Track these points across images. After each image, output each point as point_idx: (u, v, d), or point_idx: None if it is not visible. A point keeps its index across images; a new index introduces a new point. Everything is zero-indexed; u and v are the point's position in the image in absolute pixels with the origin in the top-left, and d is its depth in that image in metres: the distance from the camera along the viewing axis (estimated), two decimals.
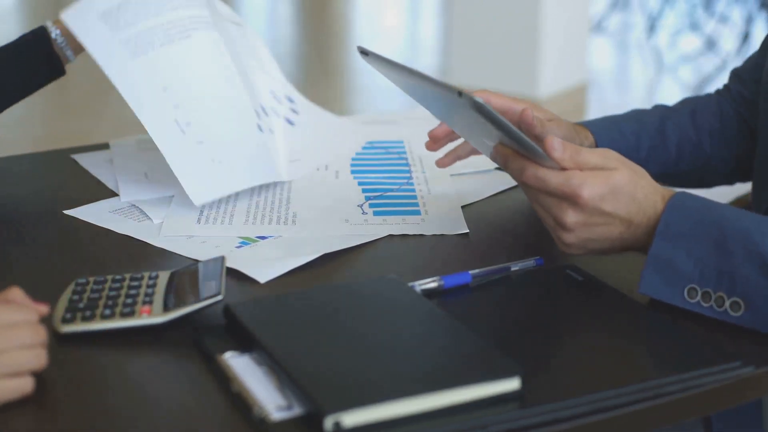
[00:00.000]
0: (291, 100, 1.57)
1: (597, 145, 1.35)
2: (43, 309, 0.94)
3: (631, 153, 1.38)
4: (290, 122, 1.52)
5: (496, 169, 1.43)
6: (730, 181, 1.49)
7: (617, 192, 1.02)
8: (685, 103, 1.48)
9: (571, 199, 1.02)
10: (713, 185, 1.50)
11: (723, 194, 1.54)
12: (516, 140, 1.02)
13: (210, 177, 1.33)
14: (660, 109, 1.45)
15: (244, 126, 1.38)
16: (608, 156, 1.05)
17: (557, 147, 1.02)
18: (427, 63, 6.00)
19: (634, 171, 1.05)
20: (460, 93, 0.99)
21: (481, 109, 0.99)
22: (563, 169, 1.02)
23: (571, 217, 1.03)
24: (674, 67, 5.55)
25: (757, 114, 1.41)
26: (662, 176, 1.43)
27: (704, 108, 1.44)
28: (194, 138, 1.34)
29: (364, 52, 1.19)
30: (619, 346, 1.00)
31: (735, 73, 1.49)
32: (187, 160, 1.32)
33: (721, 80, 1.51)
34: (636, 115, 1.43)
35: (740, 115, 1.44)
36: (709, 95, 1.49)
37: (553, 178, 1.02)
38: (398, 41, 6.76)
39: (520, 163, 1.05)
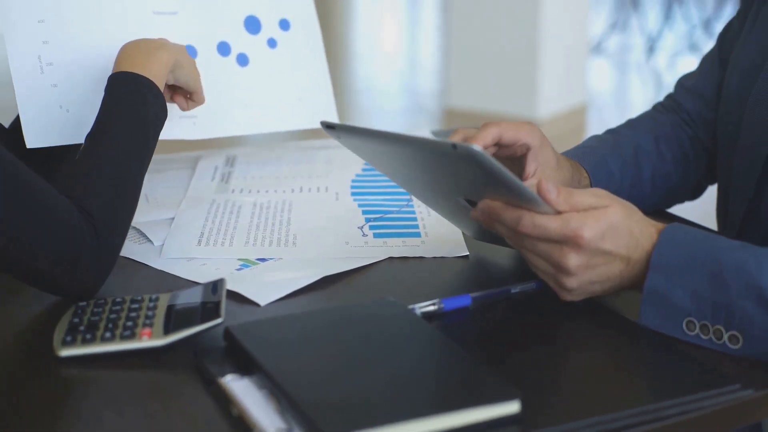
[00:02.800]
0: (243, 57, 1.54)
1: (592, 185, 1.32)
2: None
3: (618, 192, 1.34)
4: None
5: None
6: (682, 202, 1.46)
7: (615, 228, 1.02)
8: (641, 129, 1.42)
9: (572, 242, 1.01)
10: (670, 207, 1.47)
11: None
12: (512, 188, 1.00)
13: (52, 123, 1.33)
14: (630, 138, 1.40)
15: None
16: (599, 194, 1.04)
17: (552, 190, 1.01)
18: (425, 85, 6.02)
19: (625, 206, 1.05)
20: (454, 146, 0.97)
21: (477, 159, 0.97)
22: (558, 212, 1.02)
23: (573, 260, 1.02)
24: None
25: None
26: (657, 202, 1.40)
27: (664, 134, 1.41)
28: (50, 80, 1.34)
29: (329, 126, 1.12)
30: (618, 370, 1.00)
31: (689, 90, 1.44)
32: (34, 101, 1.33)
33: None
34: (615, 146, 1.38)
35: (697, 139, 1.41)
36: (657, 116, 1.44)
37: (551, 223, 1.01)
38: (397, 63, 6.79)
39: (514, 213, 1.02)
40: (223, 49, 1.51)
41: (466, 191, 1.10)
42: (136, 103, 1.24)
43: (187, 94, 1.41)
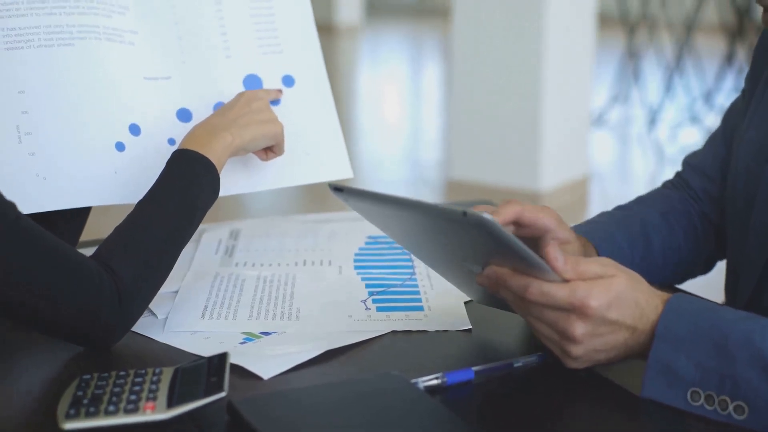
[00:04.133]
0: None
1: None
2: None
3: (628, 265, 1.35)
4: None
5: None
6: (695, 277, 1.48)
7: (621, 298, 1.03)
8: (649, 204, 1.44)
9: (579, 311, 1.02)
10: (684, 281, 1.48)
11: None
12: (519, 254, 1.01)
13: (29, 192, 1.33)
14: (637, 213, 1.42)
15: (95, 143, 1.38)
16: (605, 263, 1.06)
17: (559, 257, 1.02)
18: (428, 156, 6.05)
19: (631, 276, 1.06)
20: (464, 213, 0.98)
21: (487, 227, 0.98)
22: (565, 280, 1.03)
23: (579, 328, 1.02)
24: (675, 160, 5.59)
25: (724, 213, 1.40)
26: (669, 276, 1.41)
27: (673, 209, 1.43)
28: (28, 149, 1.35)
29: (337, 189, 1.14)
30: None
31: (694, 167, 1.46)
32: (10, 170, 1.34)
33: None
34: (622, 221, 1.40)
35: (705, 214, 1.43)
36: (665, 192, 1.46)
37: (558, 291, 1.02)
38: (399, 134, 6.83)
39: (522, 280, 1.04)
40: None
41: (473, 257, 1.10)
42: (189, 182, 1.29)
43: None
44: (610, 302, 1.03)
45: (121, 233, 1.22)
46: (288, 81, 1.55)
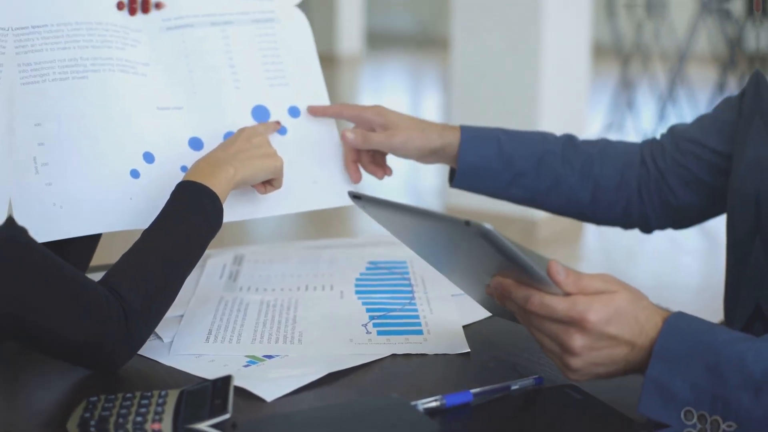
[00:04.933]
0: None
1: (458, 154, 1.55)
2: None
3: (490, 175, 1.54)
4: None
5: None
6: (624, 227, 1.62)
7: (621, 314, 1.05)
8: (593, 145, 1.60)
9: (578, 324, 1.04)
10: (600, 224, 1.64)
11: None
12: (521, 266, 1.04)
13: (46, 221, 1.36)
14: (558, 142, 1.58)
15: (111, 171, 1.41)
16: (607, 279, 1.07)
17: (561, 271, 1.04)
18: (427, 182, 6.06)
19: (633, 293, 1.07)
20: (467, 222, 1.01)
21: (489, 237, 1.01)
22: (566, 294, 1.05)
23: (578, 341, 1.04)
24: None
25: (688, 182, 1.51)
26: (527, 202, 1.60)
27: (606, 159, 1.57)
28: (45, 179, 1.37)
29: (356, 197, 1.20)
30: None
31: (673, 135, 1.56)
32: (28, 201, 1.36)
33: None
34: (529, 138, 1.57)
35: (660, 173, 1.53)
36: (631, 148, 1.60)
37: (559, 304, 1.04)
38: (399, 162, 6.83)
39: (524, 291, 1.06)
40: None
41: (482, 267, 1.13)
42: (194, 211, 1.32)
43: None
44: (609, 317, 1.04)
45: (129, 260, 1.25)
46: (294, 112, 1.59)
